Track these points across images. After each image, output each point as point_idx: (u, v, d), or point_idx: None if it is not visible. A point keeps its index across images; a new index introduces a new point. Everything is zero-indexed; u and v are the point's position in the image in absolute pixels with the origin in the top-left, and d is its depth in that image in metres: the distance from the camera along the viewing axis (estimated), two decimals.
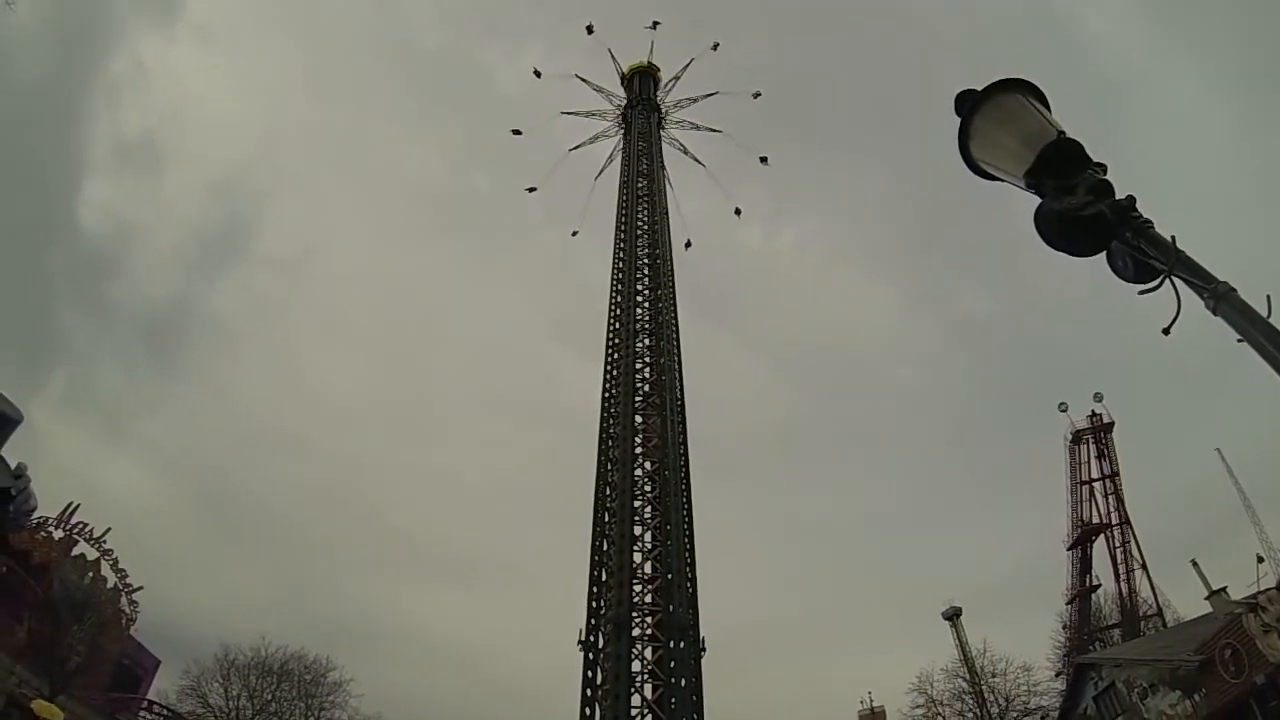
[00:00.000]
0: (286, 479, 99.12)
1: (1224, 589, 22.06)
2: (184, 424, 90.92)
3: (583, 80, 45.55)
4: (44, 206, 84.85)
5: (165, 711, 33.93)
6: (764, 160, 46.78)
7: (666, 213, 38.92)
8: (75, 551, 35.83)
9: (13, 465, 2.60)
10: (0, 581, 29.62)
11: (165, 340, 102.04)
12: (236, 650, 39.84)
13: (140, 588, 37.94)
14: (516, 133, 47.19)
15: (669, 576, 26.23)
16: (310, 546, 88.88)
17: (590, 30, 45.52)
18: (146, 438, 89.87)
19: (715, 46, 45.94)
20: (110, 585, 36.97)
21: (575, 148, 45.74)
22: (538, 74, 48.44)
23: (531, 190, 48.16)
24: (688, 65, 45.32)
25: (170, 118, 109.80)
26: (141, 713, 34.40)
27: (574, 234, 47.37)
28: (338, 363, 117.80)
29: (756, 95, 46.26)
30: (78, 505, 36.22)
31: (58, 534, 34.88)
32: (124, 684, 36.86)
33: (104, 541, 36.77)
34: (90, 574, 36.31)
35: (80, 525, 36.00)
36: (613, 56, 45.33)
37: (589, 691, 24.29)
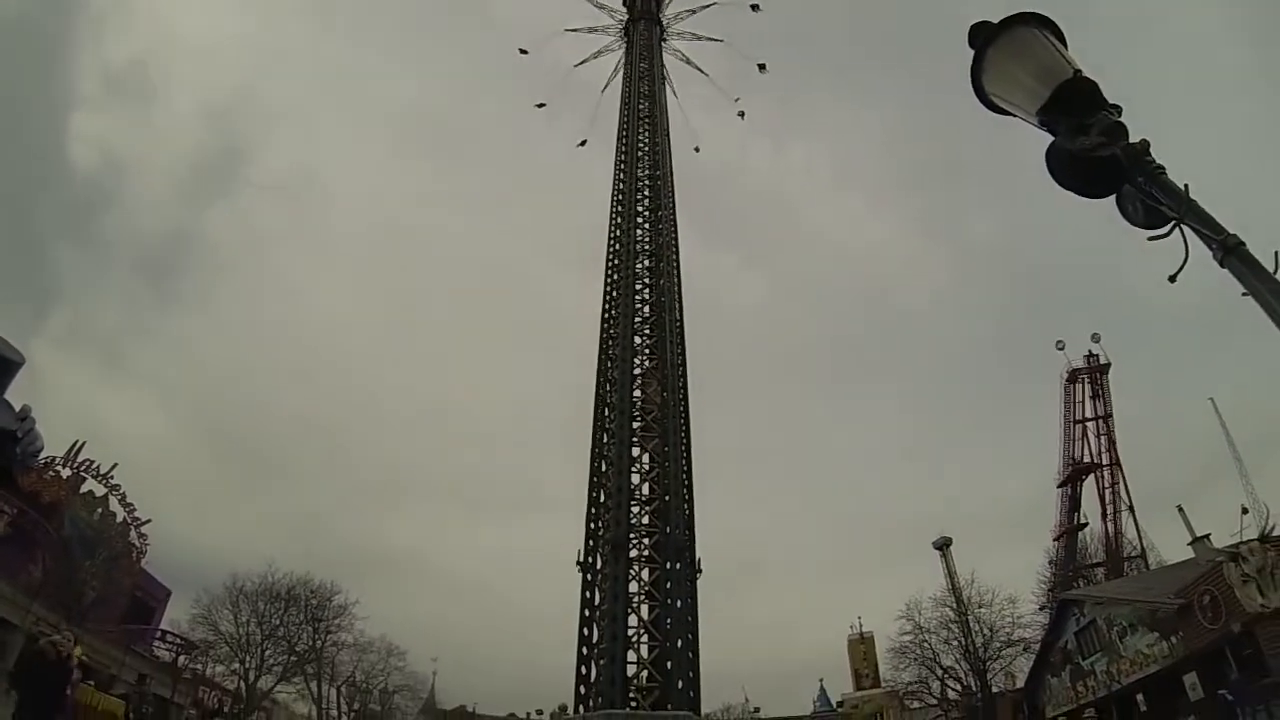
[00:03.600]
0: (289, 409, 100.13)
1: (1207, 536, 22.47)
2: (183, 355, 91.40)
3: None
4: (34, 144, 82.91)
5: (178, 640, 35.14)
6: (762, 68, 45.84)
7: (668, 133, 38.21)
8: (83, 489, 36.42)
9: (17, 408, 2.60)
10: (12, 523, 30.16)
11: (162, 272, 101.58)
12: (244, 578, 41.11)
13: (148, 520, 38.78)
14: (523, 51, 46.48)
15: (666, 498, 26.46)
16: (317, 475, 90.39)
17: None
18: (147, 370, 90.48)
19: (755, 7, 44.52)
20: (119, 520, 37.73)
21: (580, 63, 45.11)
22: None
23: (540, 106, 47.61)
24: (707, 5, 43.90)
25: (159, 45, 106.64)
26: (155, 642, 35.59)
27: (582, 143, 46.92)
28: (337, 290, 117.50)
29: (755, 7, 44.84)
30: (83, 443, 36.65)
31: (65, 472, 35.37)
32: (137, 616, 38.04)
33: (111, 477, 37.35)
34: (99, 510, 37.00)
35: (87, 462, 36.48)
36: None
37: (587, 612, 24.86)
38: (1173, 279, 2.46)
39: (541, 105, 47.43)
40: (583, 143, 46.80)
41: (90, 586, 33.69)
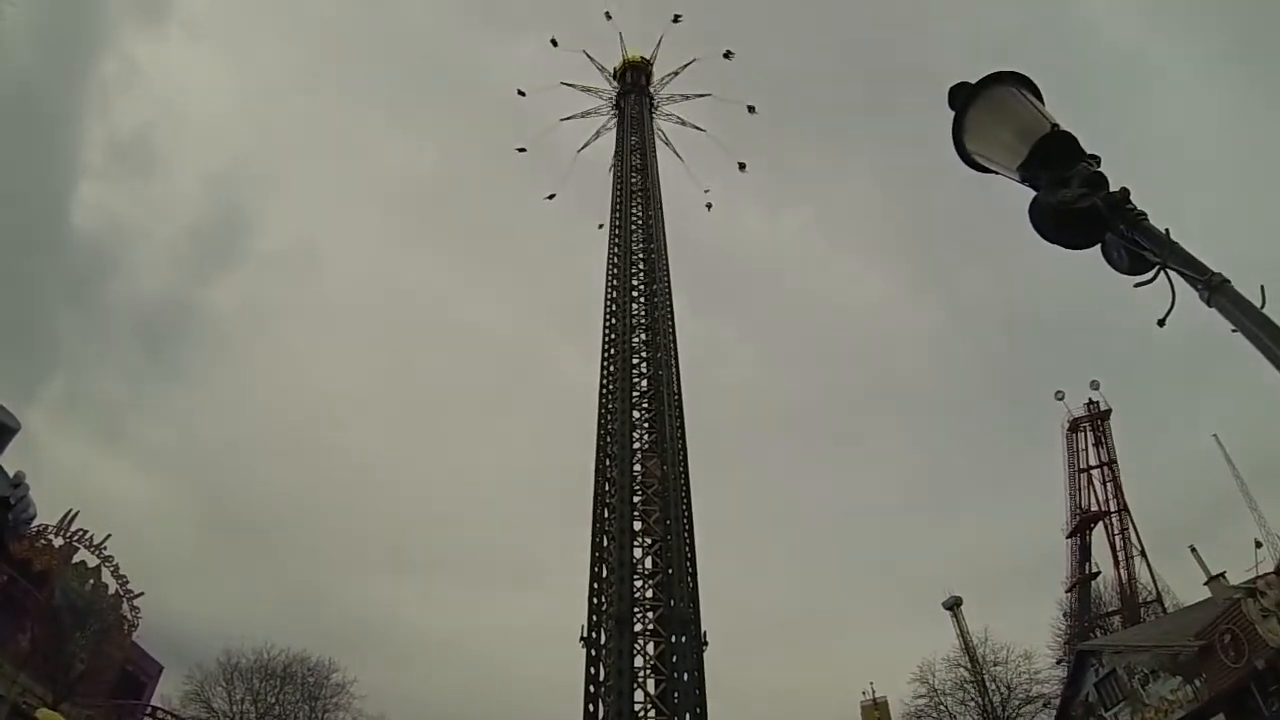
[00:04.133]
0: (288, 480, 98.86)
1: (1223, 574, 22.20)
2: (183, 426, 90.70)
3: (588, 56, 46.13)
4: (38, 209, 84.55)
5: (169, 717, 33.94)
6: (742, 167, 47.51)
7: (661, 206, 39.02)
8: (76, 559, 35.76)
9: (11, 474, 2.60)
10: (2, 591, 29.57)
11: (163, 341, 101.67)
12: (239, 654, 39.88)
13: (141, 593, 37.91)
14: (521, 94, 48.06)
15: (669, 571, 26.30)
16: (313, 548, 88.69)
17: (608, 16, 46.12)
18: (145, 441, 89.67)
19: (728, 55, 46.43)
20: (111, 591, 36.91)
21: (566, 118, 46.55)
22: (554, 43, 48.15)
23: (522, 150, 48.80)
24: (689, 64, 45.80)
25: (163, 116, 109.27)
26: (145, 719, 34.38)
27: (551, 196, 48.14)
28: (337, 360, 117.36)
29: (751, 109, 46.58)
30: (77, 512, 36.16)
31: (58, 541, 34.81)
32: (127, 690, 36.82)
33: (104, 548, 36.69)
34: (91, 581, 36.24)
35: (80, 532, 35.92)
36: (621, 41, 46.00)
37: (592, 688, 24.30)
38: (1161, 323, 2.49)
39: (523, 150, 48.83)
40: (551, 196, 48.09)
41: (79, 659, 32.72)
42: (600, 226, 47.20)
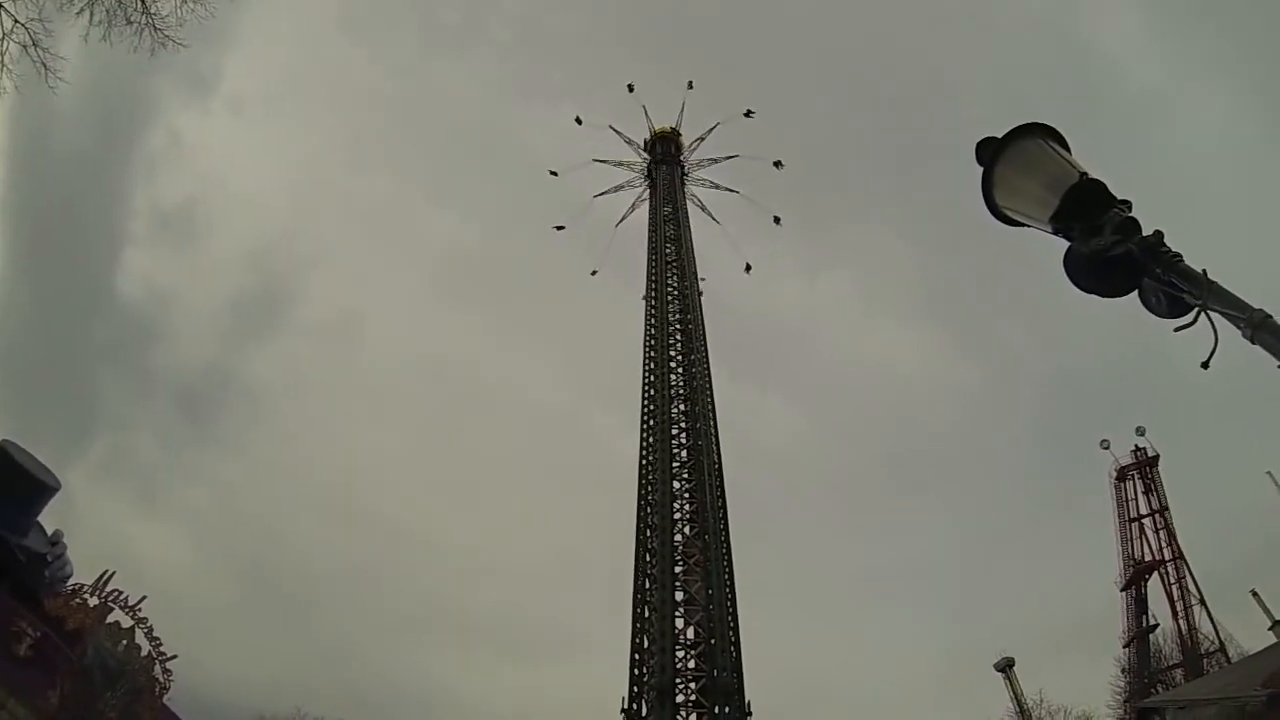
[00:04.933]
0: (325, 545, 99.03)
1: None
2: (221, 491, 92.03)
3: (615, 131, 47.54)
4: (85, 277, 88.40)
5: None
6: (777, 220, 48.65)
7: (696, 275, 39.53)
8: (110, 619, 35.91)
9: (49, 532, 2.65)
10: (34, 647, 29.80)
11: (203, 408, 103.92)
12: (272, 718, 39.40)
13: (174, 656, 37.73)
14: (553, 174, 49.45)
15: (712, 641, 26.05)
16: (349, 614, 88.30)
17: (631, 89, 47.67)
18: (183, 504, 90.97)
19: (748, 114, 47.49)
20: (144, 653, 36.82)
21: (600, 194, 47.68)
22: (579, 121, 50.31)
23: (559, 229, 49.77)
24: (713, 128, 46.87)
25: (207, 189, 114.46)
26: None
27: (593, 273, 48.84)
28: (376, 428, 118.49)
29: (778, 164, 47.40)
30: (113, 573, 36.34)
31: (92, 601, 34.98)
32: None
33: (139, 609, 36.80)
34: (124, 642, 36.26)
35: (115, 593, 36.12)
36: (646, 114, 47.35)
37: None
38: (1205, 365, 2.43)
39: (561, 228, 49.69)
40: (594, 272, 48.92)
41: (108, 719, 32.60)
42: (593, 273, 48.65)
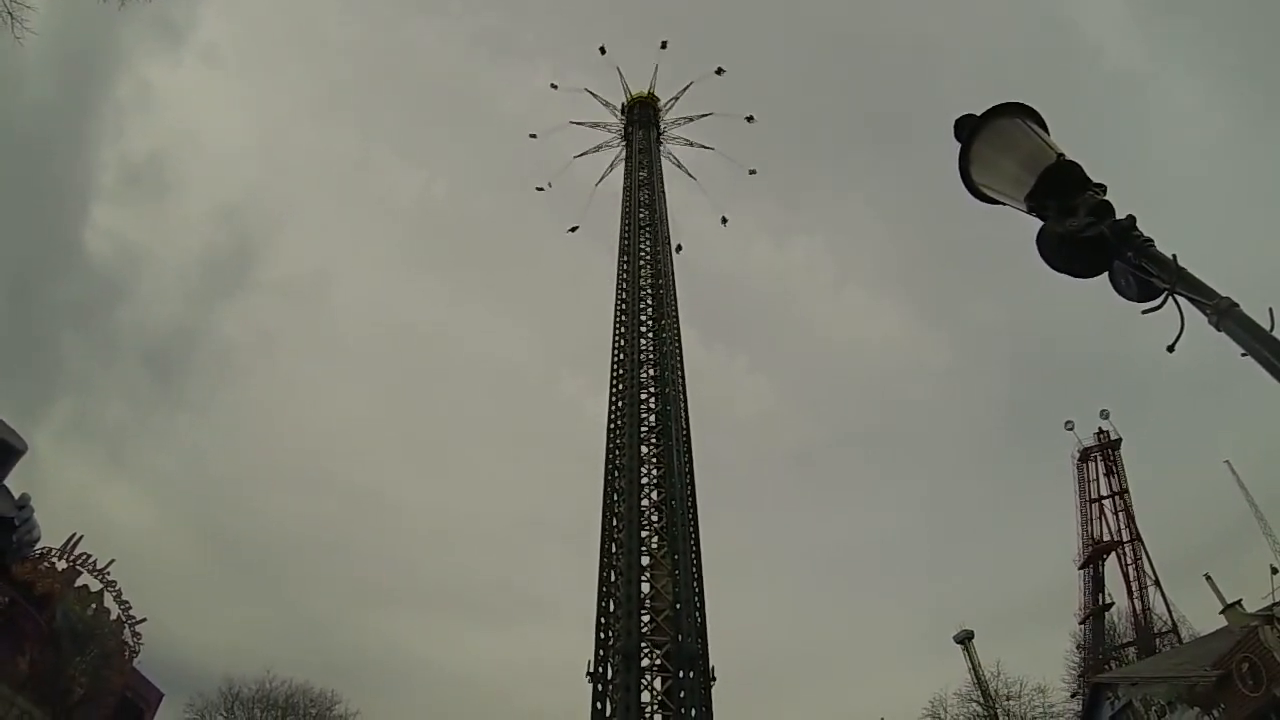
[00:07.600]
0: (293, 510, 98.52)
1: (1239, 602, 21.84)
2: (188, 454, 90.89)
3: (592, 94, 47.22)
4: (50, 232, 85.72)
5: None
6: (752, 172, 48.53)
7: (669, 240, 39.32)
8: (78, 583, 35.54)
9: (16, 495, 2.60)
10: (2, 613, 29.43)
11: (170, 367, 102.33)
12: (241, 683, 39.55)
13: (143, 619, 37.59)
14: (533, 136, 49.89)
15: (677, 606, 26.17)
16: (317, 579, 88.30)
17: (603, 51, 47.24)
18: (151, 467, 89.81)
19: (719, 71, 47.15)
20: (113, 617, 36.60)
21: (580, 155, 47.62)
22: (554, 86, 50.62)
23: (540, 190, 50.01)
24: (686, 88, 46.60)
25: (177, 142, 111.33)
26: None
27: (573, 229, 48.56)
28: (345, 390, 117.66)
29: (750, 119, 47.45)
30: (81, 536, 35.99)
31: (61, 565, 34.62)
32: (126, 717, 36.34)
33: (107, 573, 36.46)
34: (93, 605, 35.97)
35: (84, 556, 35.74)
36: (621, 76, 46.87)
37: None
38: (1171, 349, 2.47)
39: (541, 189, 49.91)
40: (574, 228, 48.56)
41: (79, 683, 32.39)
42: (573, 229, 48.45)
